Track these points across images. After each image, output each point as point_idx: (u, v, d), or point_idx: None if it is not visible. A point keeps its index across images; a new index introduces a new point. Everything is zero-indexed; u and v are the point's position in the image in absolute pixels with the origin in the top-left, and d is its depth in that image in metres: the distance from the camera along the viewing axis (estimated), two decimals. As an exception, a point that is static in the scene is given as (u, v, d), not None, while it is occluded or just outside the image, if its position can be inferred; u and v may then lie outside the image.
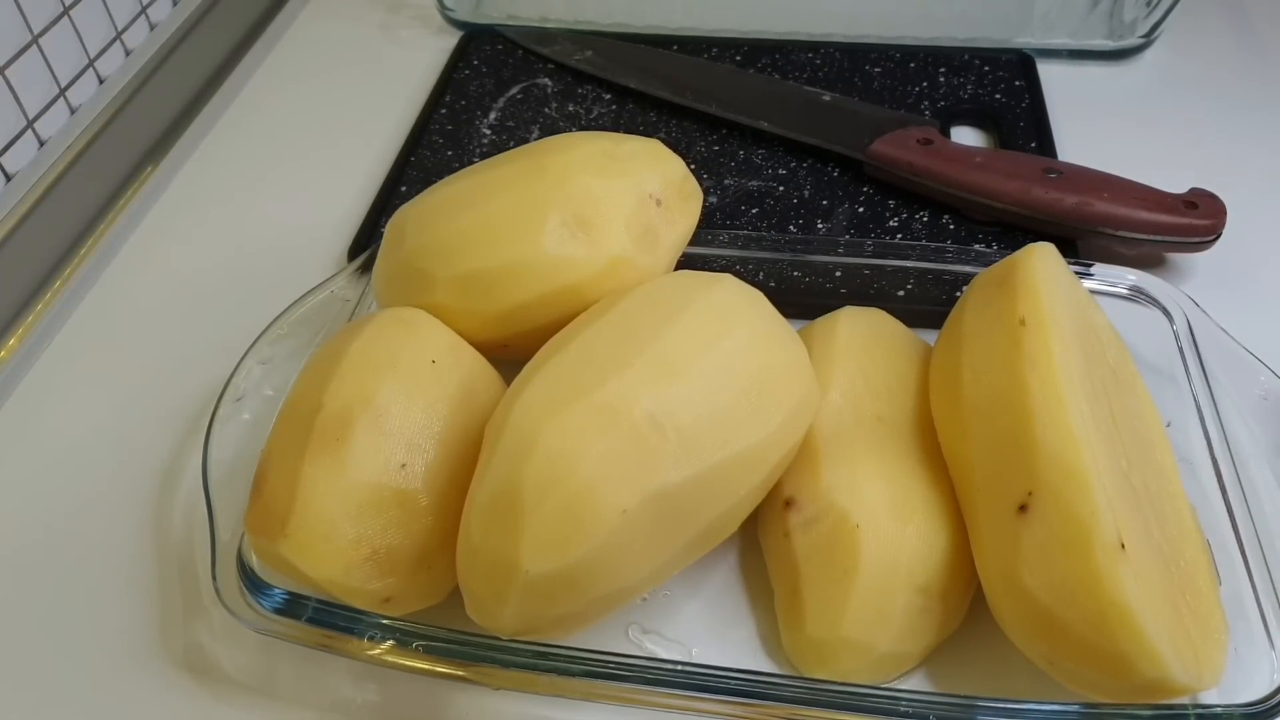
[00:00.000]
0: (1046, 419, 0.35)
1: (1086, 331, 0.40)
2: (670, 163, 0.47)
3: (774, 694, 0.36)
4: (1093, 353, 0.39)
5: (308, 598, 0.38)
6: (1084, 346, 0.39)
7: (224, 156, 0.68)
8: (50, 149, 0.59)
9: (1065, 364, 0.36)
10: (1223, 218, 0.53)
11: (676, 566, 0.37)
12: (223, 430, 0.44)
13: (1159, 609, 0.33)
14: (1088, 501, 0.33)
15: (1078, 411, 0.35)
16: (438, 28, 0.77)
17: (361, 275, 0.50)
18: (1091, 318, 0.42)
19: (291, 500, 0.37)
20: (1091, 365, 0.38)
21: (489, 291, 0.43)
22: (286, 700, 0.40)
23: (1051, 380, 0.36)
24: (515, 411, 0.36)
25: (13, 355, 0.54)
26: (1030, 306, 0.38)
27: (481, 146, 0.66)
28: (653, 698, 0.36)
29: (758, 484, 0.38)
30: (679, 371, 0.36)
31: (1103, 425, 0.36)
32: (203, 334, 0.54)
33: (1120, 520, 0.33)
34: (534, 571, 0.34)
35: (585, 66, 0.71)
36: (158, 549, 0.45)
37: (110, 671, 0.42)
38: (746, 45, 0.73)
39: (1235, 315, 0.46)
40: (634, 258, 0.44)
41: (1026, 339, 0.37)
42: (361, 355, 0.40)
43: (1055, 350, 0.37)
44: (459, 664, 0.37)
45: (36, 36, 0.57)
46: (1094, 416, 0.36)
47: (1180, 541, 0.37)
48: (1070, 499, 0.34)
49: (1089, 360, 0.38)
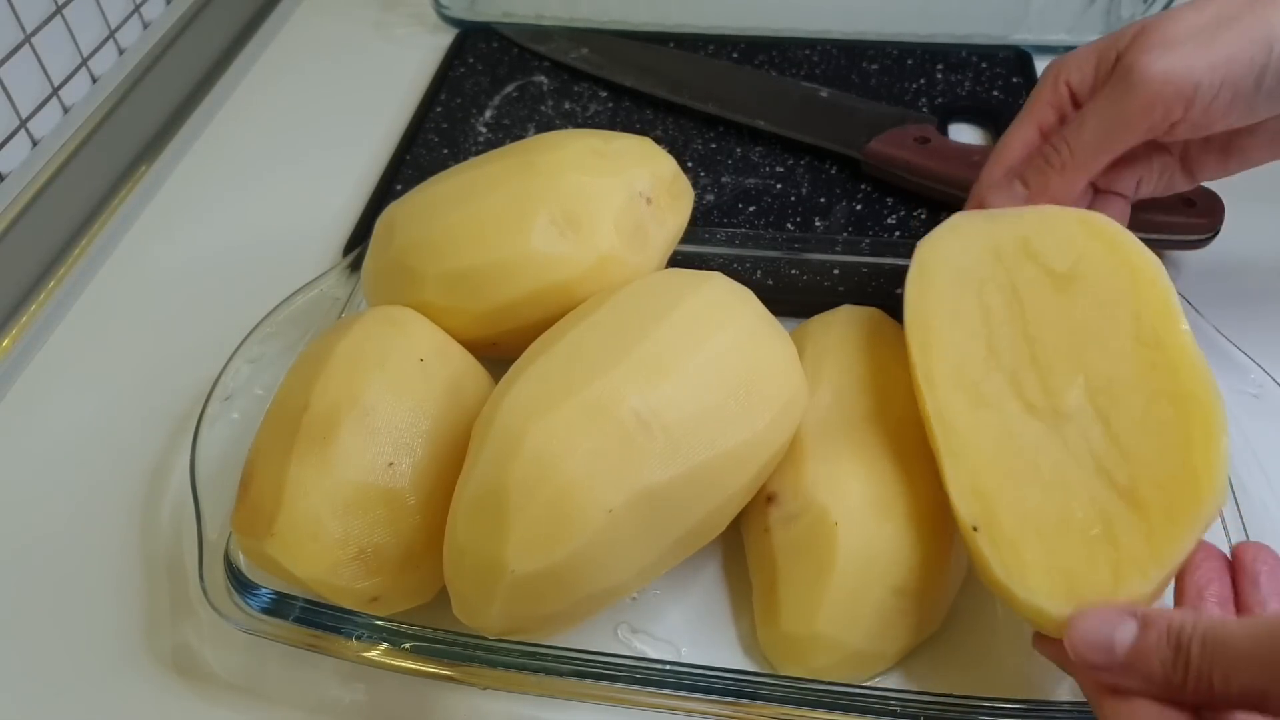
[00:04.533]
0: (925, 425, 0.39)
1: (1014, 263, 0.41)
2: (661, 161, 0.46)
3: (762, 694, 0.36)
4: (1022, 284, 0.40)
5: (295, 597, 0.38)
6: (1000, 290, 0.40)
7: (218, 155, 0.68)
8: (43, 149, 0.59)
9: (929, 373, 0.39)
10: (1220, 216, 0.53)
11: (664, 566, 0.37)
12: (211, 429, 0.44)
13: (1040, 561, 0.34)
14: (949, 492, 0.37)
15: (938, 417, 0.38)
16: (433, 25, 0.77)
17: (351, 273, 0.50)
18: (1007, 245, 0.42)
19: (278, 499, 0.37)
20: (1006, 300, 0.40)
21: (477, 289, 0.43)
22: (274, 700, 0.40)
23: (918, 390, 0.39)
24: (502, 410, 0.36)
25: (6, 355, 0.54)
26: (905, 321, 0.41)
27: (477, 144, 0.66)
28: (640, 697, 0.36)
29: (745, 483, 0.38)
30: (667, 370, 0.36)
31: (1008, 377, 0.38)
32: (197, 333, 0.54)
33: (988, 502, 0.36)
34: (520, 571, 0.33)
35: (581, 64, 0.71)
36: (145, 548, 0.45)
37: (98, 672, 0.42)
38: (743, 42, 0.73)
39: (1232, 314, 0.46)
40: (623, 256, 0.43)
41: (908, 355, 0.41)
42: (349, 354, 0.40)
43: (918, 362, 0.40)
44: (446, 664, 0.37)
45: (29, 35, 0.57)
46: (979, 393, 0.38)
47: (1158, 440, 0.36)
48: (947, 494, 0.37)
49: (1005, 297, 0.40)
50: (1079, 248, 0.41)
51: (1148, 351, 0.37)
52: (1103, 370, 0.38)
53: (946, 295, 0.41)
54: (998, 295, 0.40)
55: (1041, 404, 0.37)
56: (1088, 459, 0.36)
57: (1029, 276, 0.40)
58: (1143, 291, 0.39)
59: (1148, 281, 0.39)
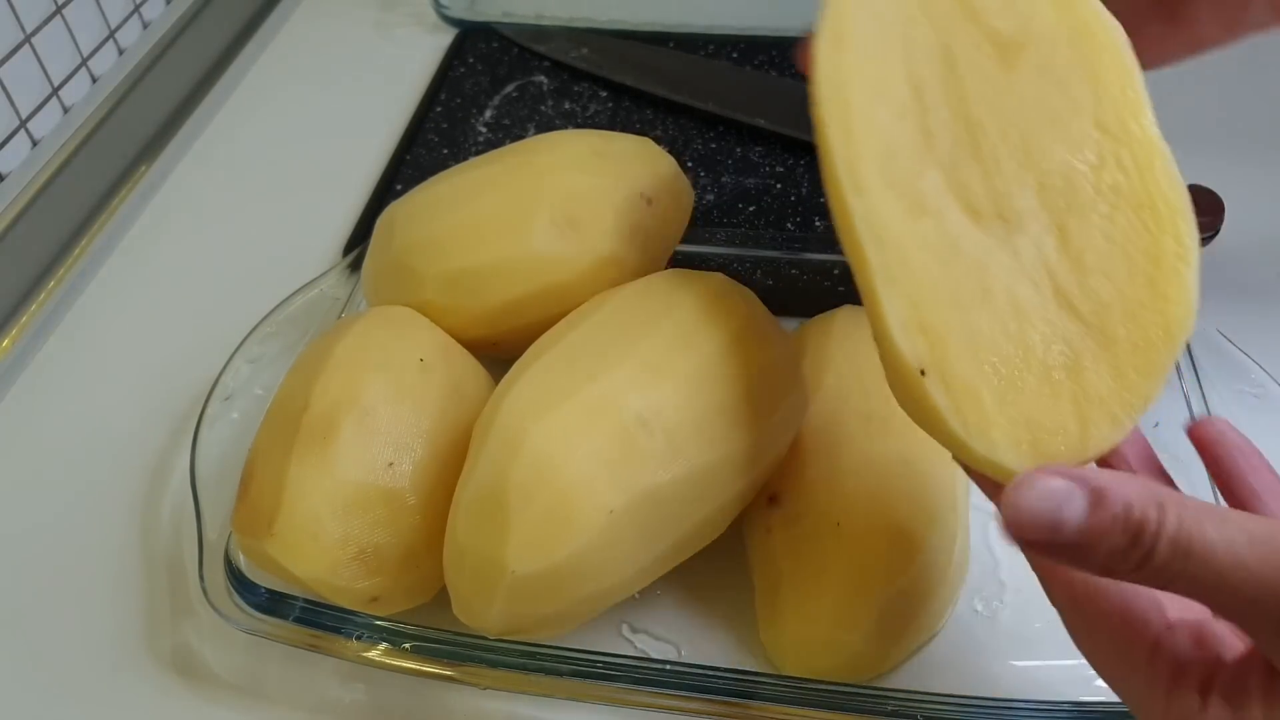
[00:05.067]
0: (847, 239, 0.31)
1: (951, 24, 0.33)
2: (661, 161, 0.46)
3: (762, 693, 0.36)
4: (961, 51, 0.33)
5: (295, 597, 0.38)
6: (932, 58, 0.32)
7: (218, 156, 0.68)
8: (43, 149, 0.59)
9: (853, 170, 0.31)
10: (1220, 215, 0.53)
11: (664, 566, 0.37)
12: (211, 429, 0.44)
13: (999, 407, 0.29)
14: (883, 327, 0.30)
15: (866, 227, 0.30)
16: (433, 25, 0.76)
17: (352, 273, 0.50)
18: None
19: (278, 499, 0.37)
20: (942, 75, 0.32)
21: (477, 290, 0.43)
22: (274, 700, 0.40)
23: (839, 196, 0.31)
24: (502, 411, 0.36)
25: (6, 356, 0.54)
26: (814, 94, 0.32)
27: (477, 144, 0.66)
28: (641, 697, 0.36)
29: (746, 485, 0.38)
30: (667, 371, 0.36)
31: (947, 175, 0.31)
32: (197, 333, 0.54)
33: (934, 337, 0.29)
34: (520, 572, 0.33)
35: (581, 64, 0.71)
36: (145, 548, 0.45)
37: (98, 671, 0.42)
38: (743, 42, 0.73)
39: (1230, 313, 0.46)
40: (623, 256, 0.43)
41: (818, 137, 0.32)
42: (349, 354, 0.40)
43: (839, 159, 0.31)
44: (446, 664, 0.37)
45: (29, 36, 0.57)
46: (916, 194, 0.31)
47: (1124, 256, 0.31)
48: (876, 325, 0.31)
49: (940, 70, 0.32)
50: (1028, 5, 0.33)
51: (1111, 144, 0.32)
52: (1058, 165, 0.31)
53: (867, 61, 0.32)
54: (929, 65, 0.32)
55: (987, 208, 0.31)
56: (1044, 277, 0.30)
57: (968, 40, 0.33)
58: (1105, 69, 0.33)
59: (1111, 56, 0.33)
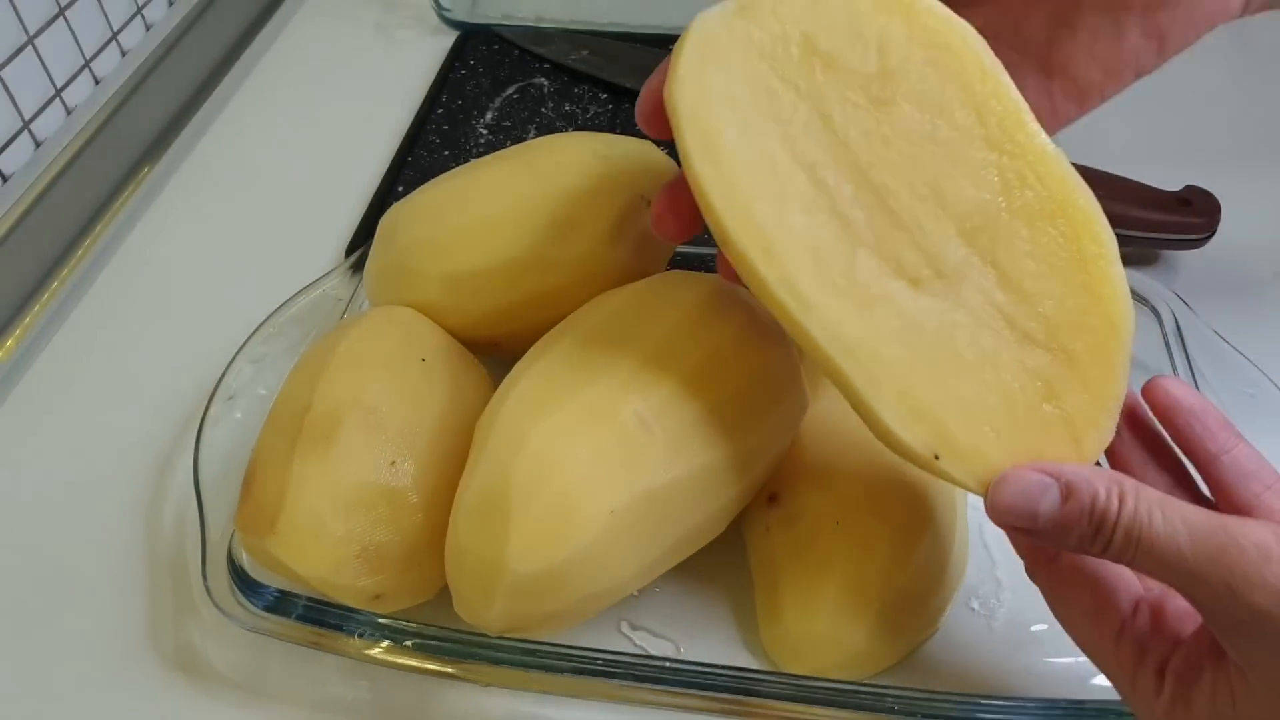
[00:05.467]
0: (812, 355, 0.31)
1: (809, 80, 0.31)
2: (662, 164, 0.47)
3: (761, 690, 0.36)
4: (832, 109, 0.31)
5: (298, 595, 0.39)
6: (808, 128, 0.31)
7: (221, 157, 0.68)
8: (46, 150, 0.59)
9: (788, 283, 0.30)
10: (1217, 215, 0.53)
11: (665, 565, 0.38)
12: (214, 429, 0.44)
13: (1007, 452, 0.31)
14: (884, 429, 0.31)
15: (829, 337, 0.30)
16: (434, 27, 0.77)
17: (354, 274, 0.50)
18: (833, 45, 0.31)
19: (281, 498, 0.37)
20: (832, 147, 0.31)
21: (479, 290, 0.43)
22: (277, 698, 0.40)
23: (785, 314, 0.31)
24: (504, 411, 0.36)
25: (10, 356, 0.54)
26: (717, 228, 0.31)
27: (478, 146, 0.66)
28: (641, 694, 0.37)
29: (746, 485, 0.38)
30: (668, 372, 0.36)
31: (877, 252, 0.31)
32: (200, 333, 0.54)
33: (934, 419, 0.30)
34: (521, 571, 0.34)
35: (582, 66, 0.71)
36: (149, 547, 0.45)
37: (101, 670, 0.42)
38: (742, 44, 0.73)
39: (1228, 313, 0.46)
40: (624, 258, 0.44)
41: (737, 265, 0.31)
42: (351, 354, 0.41)
43: (768, 276, 0.31)
44: (448, 661, 0.37)
45: (32, 37, 0.57)
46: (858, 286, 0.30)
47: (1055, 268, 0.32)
48: (876, 428, 0.32)
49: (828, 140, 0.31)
50: (875, 29, 0.31)
51: (1008, 161, 0.31)
52: (968, 202, 0.31)
53: (753, 166, 0.30)
54: (809, 139, 0.31)
55: (925, 272, 0.31)
56: (997, 319, 0.31)
57: (834, 95, 0.31)
58: (971, 79, 0.31)
59: (973, 62, 0.31)
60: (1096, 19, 0.35)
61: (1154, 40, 0.35)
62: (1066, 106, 0.37)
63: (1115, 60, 0.35)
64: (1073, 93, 0.36)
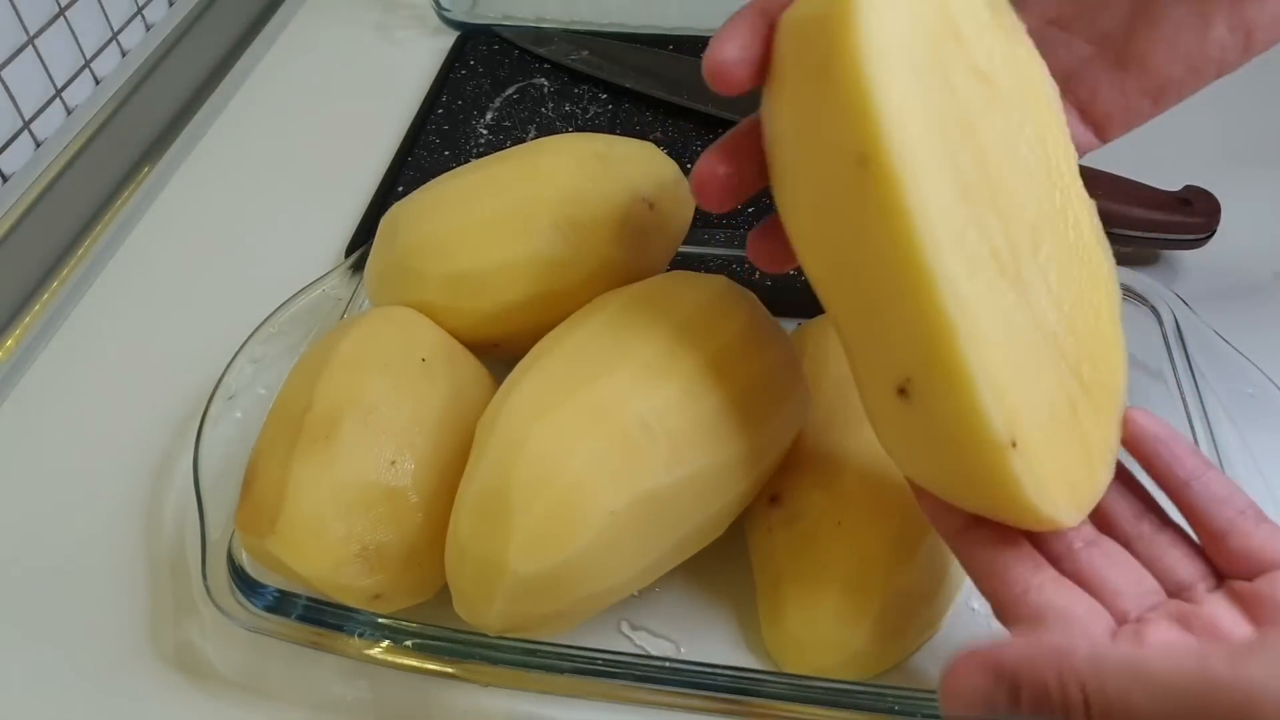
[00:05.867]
0: (915, 303, 0.28)
1: (942, 44, 0.30)
2: (663, 165, 0.47)
3: (761, 690, 0.36)
4: (954, 77, 0.30)
5: (298, 595, 0.39)
6: (943, 85, 0.30)
7: (220, 157, 0.68)
8: (46, 150, 0.59)
9: (928, 222, 0.28)
10: (1216, 215, 0.53)
11: (665, 566, 0.38)
12: (214, 429, 0.44)
13: (1053, 470, 0.30)
14: (971, 400, 0.28)
15: (950, 291, 0.28)
16: (434, 28, 0.77)
17: (354, 274, 0.50)
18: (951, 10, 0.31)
19: (281, 497, 0.37)
20: (957, 109, 0.30)
21: (480, 291, 0.43)
22: (277, 697, 0.40)
23: (915, 255, 0.28)
24: (505, 411, 0.36)
25: (10, 356, 0.54)
26: (869, 138, 0.28)
27: (478, 147, 0.66)
28: (641, 694, 0.37)
29: (747, 486, 0.38)
30: (669, 373, 0.36)
31: (980, 228, 0.29)
32: (200, 333, 0.54)
33: (1010, 406, 0.29)
34: (521, 571, 0.34)
35: (581, 66, 0.71)
36: (149, 547, 0.46)
37: (101, 670, 0.42)
38: (742, 44, 0.73)
39: (1227, 313, 0.47)
40: (625, 260, 0.44)
41: (873, 188, 0.28)
42: (351, 353, 0.41)
43: (913, 208, 0.28)
44: (448, 661, 0.37)
45: (33, 37, 0.57)
46: (969, 252, 0.29)
47: (1082, 306, 0.32)
48: (952, 396, 0.29)
49: (955, 102, 0.30)
50: (989, 36, 0.31)
51: (1058, 193, 0.32)
52: (1034, 211, 0.31)
53: (913, 91, 0.28)
54: (947, 97, 0.29)
55: (1010, 265, 0.30)
56: (1048, 330, 0.31)
57: (963, 71, 0.30)
58: (1043, 111, 0.32)
59: (1045, 99, 0.32)
60: (1180, 11, 0.33)
61: (1240, 35, 0.33)
62: (1141, 103, 0.35)
63: (1199, 56, 0.34)
64: (1149, 89, 0.35)
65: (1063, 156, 0.32)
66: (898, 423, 0.31)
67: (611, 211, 0.43)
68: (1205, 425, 0.42)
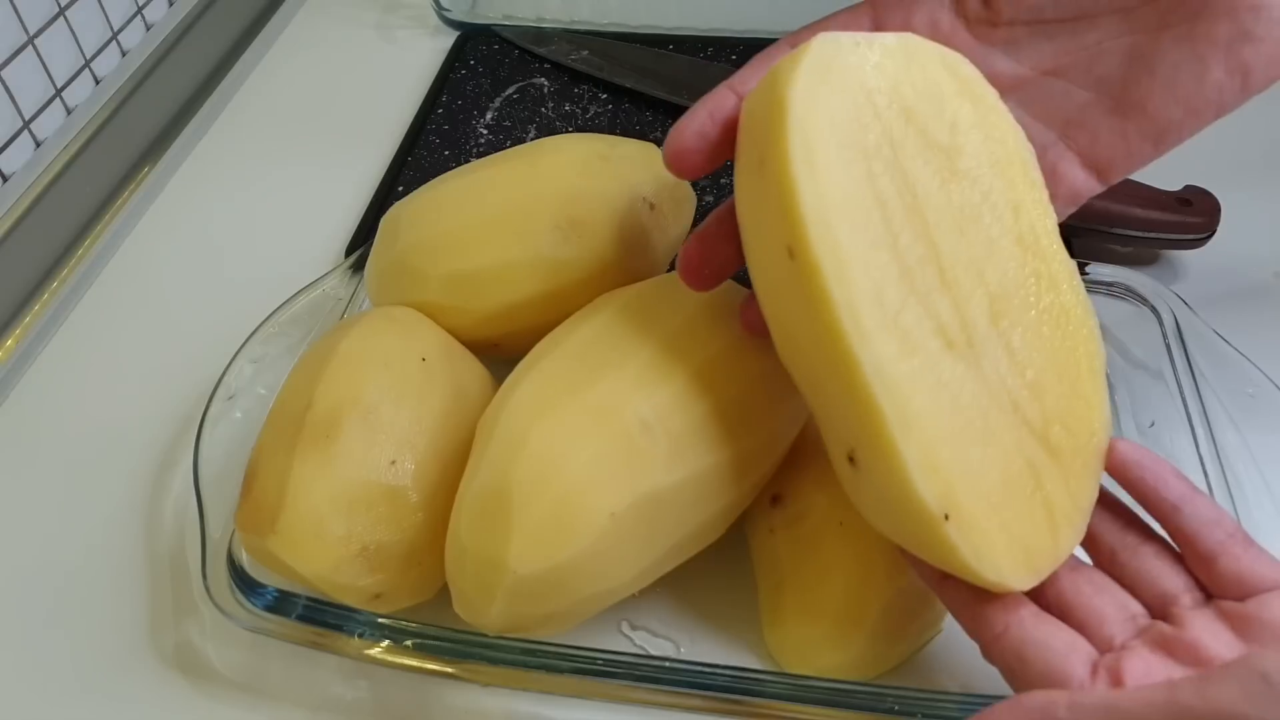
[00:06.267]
0: (847, 385, 0.30)
1: (890, 125, 0.32)
2: (663, 165, 0.47)
3: (761, 690, 0.36)
4: (902, 158, 0.31)
5: (298, 595, 0.39)
6: (886, 168, 0.31)
7: (220, 157, 0.68)
8: (46, 150, 0.59)
9: (853, 310, 0.29)
10: (1216, 215, 0.53)
11: (665, 567, 0.38)
12: (214, 428, 0.44)
13: (1000, 537, 0.31)
14: (901, 476, 0.30)
15: (876, 375, 0.29)
16: (434, 28, 0.77)
17: (354, 274, 0.50)
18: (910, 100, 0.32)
19: (281, 497, 0.37)
20: (902, 190, 0.31)
21: (481, 291, 0.43)
22: (277, 697, 0.40)
23: (840, 342, 0.29)
24: (506, 411, 0.36)
25: (10, 356, 0.54)
26: (794, 232, 0.30)
27: (478, 146, 0.66)
28: (641, 694, 0.37)
29: (748, 487, 0.38)
30: (670, 374, 0.36)
31: (923, 305, 0.31)
32: (200, 333, 0.54)
33: (945, 479, 0.30)
34: (521, 571, 0.34)
35: (582, 66, 0.71)
36: (149, 547, 0.46)
37: (101, 669, 0.42)
38: (742, 44, 0.73)
39: (1228, 313, 0.46)
40: (626, 260, 0.44)
41: (801, 278, 0.30)
42: (352, 353, 0.41)
43: (837, 299, 0.29)
44: (448, 661, 0.37)
45: (32, 37, 0.57)
46: (904, 332, 0.30)
47: (1055, 368, 0.33)
48: (886, 472, 0.30)
49: (900, 184, 0.31)
50: (952, 108, 0.33)
51: (1030, 258, 0.32)
52: (994, 280, 0.32)
53: (839, 183, 0.30)
54: (886, 179, 0.31)
55: (958, 336, 0.31)
56: (1005, 397, 0.31)
57: (912, 150, 0.32)
58: (1016, 178, 0.33)
59: (1019, 164, 0.33)
60: (1177, 55, 0.34)
61: (1238, 77, 0.33)
62: (1143, 147, 0.35)
63: (1197, 98, 0.34)
64: (1150, 133, 0.35)
65: (1038, 218, 0.33)
66: (852, 485, 0.33)
67: (612, 212, 0.44)
68: (1205, 425, 0.42)
